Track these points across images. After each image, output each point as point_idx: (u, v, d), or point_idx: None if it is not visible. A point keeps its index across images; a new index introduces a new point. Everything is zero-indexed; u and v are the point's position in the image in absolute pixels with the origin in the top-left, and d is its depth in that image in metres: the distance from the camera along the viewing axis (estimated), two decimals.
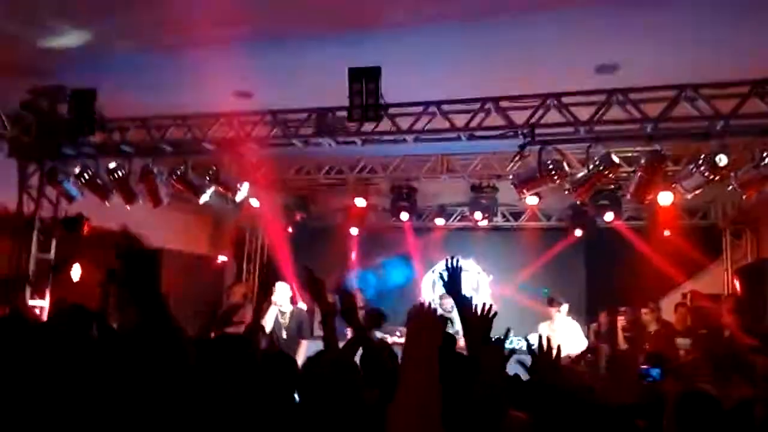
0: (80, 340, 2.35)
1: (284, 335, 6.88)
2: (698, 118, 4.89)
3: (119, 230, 1.86)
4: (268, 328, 6.77)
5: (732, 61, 4.69)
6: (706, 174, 4.97)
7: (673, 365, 4.64)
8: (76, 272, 6.98)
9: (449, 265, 2.70)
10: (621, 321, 8.18)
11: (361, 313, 8.93)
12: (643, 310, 7.52)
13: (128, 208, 6.87)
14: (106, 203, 6.85)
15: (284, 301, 7.02)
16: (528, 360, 2.31)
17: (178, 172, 6.61)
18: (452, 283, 2.60)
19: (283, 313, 6.96)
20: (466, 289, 2.92)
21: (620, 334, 7.98)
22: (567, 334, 6.90)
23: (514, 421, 2.32)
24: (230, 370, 2.14)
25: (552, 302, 7.31)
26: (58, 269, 6.78)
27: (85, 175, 6.65)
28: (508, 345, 2.41)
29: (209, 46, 5.08)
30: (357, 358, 2.81)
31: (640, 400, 3.30)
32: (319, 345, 2.93)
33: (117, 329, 3.07)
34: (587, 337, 7.54)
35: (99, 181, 6.69)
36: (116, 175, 6.63)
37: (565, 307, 7.30)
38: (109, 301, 3.26)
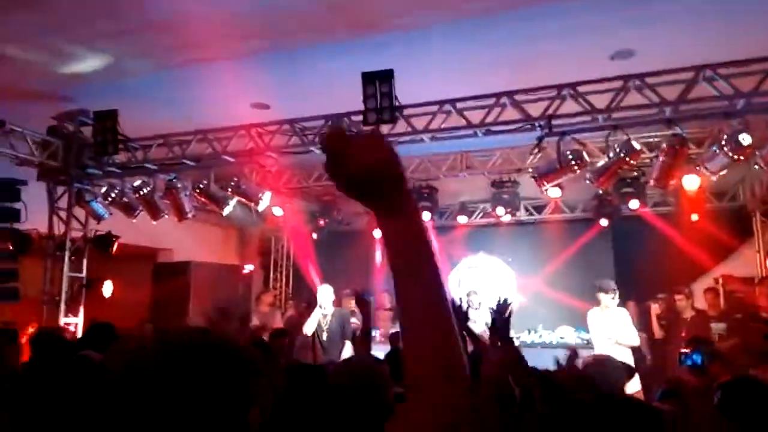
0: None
1: (325, 337, 6.94)
2: (718, 98, 4.81)
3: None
4: (310, 331, 6.88)
5: (750, 38, 4.61)
6: (730, 154, 4.88)
7: (716, 350, 4.51)
8: (107, 289, 7.16)
9: (501, 304, 2.77)
10: (655, 309, 8.07)
11: (389, 314, 8.89)
12: (677, 297, 7.38)
13: (154, 223, 7.02)
14: (133, 220, 7.01)
15: (327, 303, 7.03)
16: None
17: (201, 186, 6.73)
18: (502, 325, 2.68)
19: (325, 316, 6.97)
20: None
21: (654, 322, 7.86)
22: (620, 324, 6.27)
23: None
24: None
25: (602, 289, 6.47)
26: (90, 287, 6.95)
27: (112, 194, 6.82)
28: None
29: (225, 61, 5.18)
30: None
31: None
32: None
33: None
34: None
35: (125, 199, 6.86)
36: (141, 193, 6.78)
37: (614, 294, 6.47)
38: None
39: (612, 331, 6.14)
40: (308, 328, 6.87)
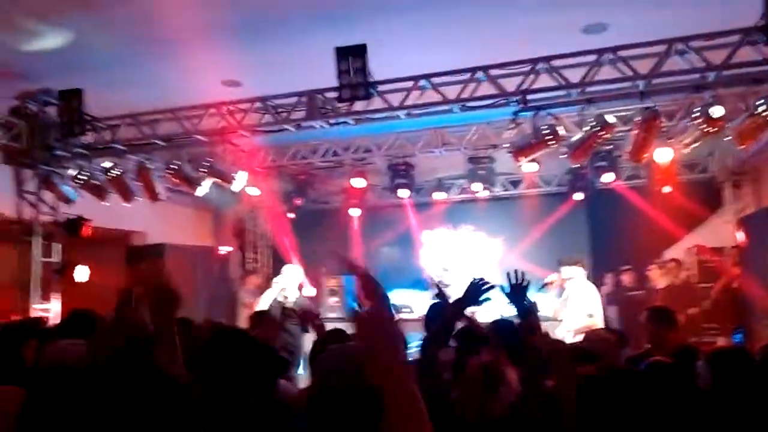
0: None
1: None
2: (690, 71, 4.84)
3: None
4: (263, 307, 6.22)
5: (721, 10, 4.63)
6: (702, 127, 4.93)
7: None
8: (82, 274, 7.01)
9: (513, 278, 2.76)
10: (626, 280, 8.22)
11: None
12: (650, 267, 7.36)
13: (127, 206, 6.88)
14: (105, 203, 6.85)
15: (291, 286, 6.56)
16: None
17: (173, 166, 6.59)
18: (517, 295, 2.70)
19: (286, 298, 6.42)
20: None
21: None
22: (583, 301, 6.23)
23: None
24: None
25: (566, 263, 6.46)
26: (63, 272, 6.81)
27: (81, 176, 6.64)
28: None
29: (193, 37, 5.03)
30: None
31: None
32: None
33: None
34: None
35: (95, 181, 6.68)
36: (112, 174, 6.62)
37: (574, 269, 6.40)
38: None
39: (577, 309, 6.17)
40: (262, 304, 6.31)
